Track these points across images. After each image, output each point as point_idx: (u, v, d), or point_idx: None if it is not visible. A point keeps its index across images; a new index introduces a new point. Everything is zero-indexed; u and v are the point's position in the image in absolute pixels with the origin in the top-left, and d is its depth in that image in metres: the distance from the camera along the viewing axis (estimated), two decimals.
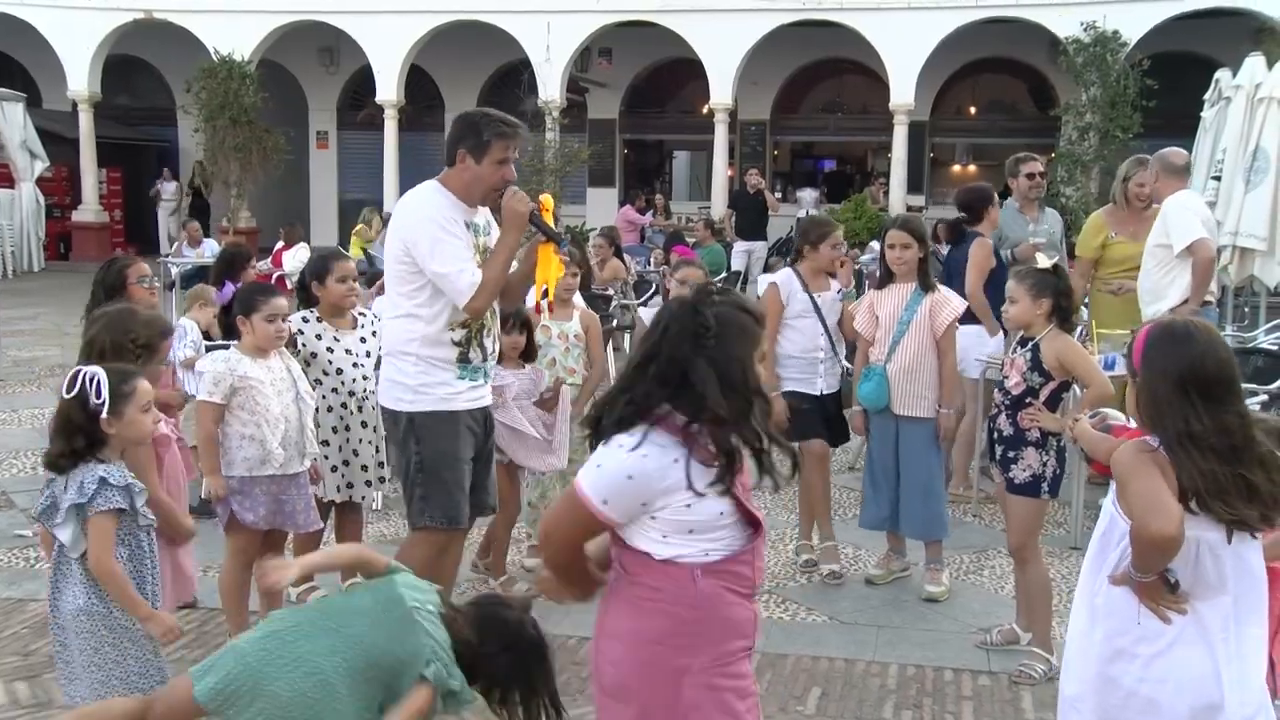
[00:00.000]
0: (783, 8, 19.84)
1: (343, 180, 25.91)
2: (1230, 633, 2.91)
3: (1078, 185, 18.29)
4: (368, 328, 5.54)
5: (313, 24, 22.06)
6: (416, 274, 4.49)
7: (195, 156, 22.69)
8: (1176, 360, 2.91)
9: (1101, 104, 18.39)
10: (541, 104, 21.07)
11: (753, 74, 21.47)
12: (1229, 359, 2.95)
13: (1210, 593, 2.90)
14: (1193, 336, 2.94)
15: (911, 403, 5.74)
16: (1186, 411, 2.85)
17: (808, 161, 25.82)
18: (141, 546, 3.74)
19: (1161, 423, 2.90)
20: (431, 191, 4.59)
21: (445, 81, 24.30)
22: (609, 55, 23.38)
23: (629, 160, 25.53)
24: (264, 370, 4.79)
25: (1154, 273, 7.02)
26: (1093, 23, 18.48)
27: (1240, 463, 2.83)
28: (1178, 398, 2.87)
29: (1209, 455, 2.82)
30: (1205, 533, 2.85)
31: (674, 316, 2.83)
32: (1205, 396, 2.86)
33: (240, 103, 21.00)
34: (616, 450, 2.76)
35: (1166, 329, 3.03)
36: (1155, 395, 2.93)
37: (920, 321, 5.71)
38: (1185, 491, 2.81)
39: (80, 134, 22.59)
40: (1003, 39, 20.57)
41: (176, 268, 15.20)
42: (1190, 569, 2.88)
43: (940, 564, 5.89)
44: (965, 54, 21.16)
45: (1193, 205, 7.12)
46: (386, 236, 4.85)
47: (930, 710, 4.60)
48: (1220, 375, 2.89)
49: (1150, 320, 3.15)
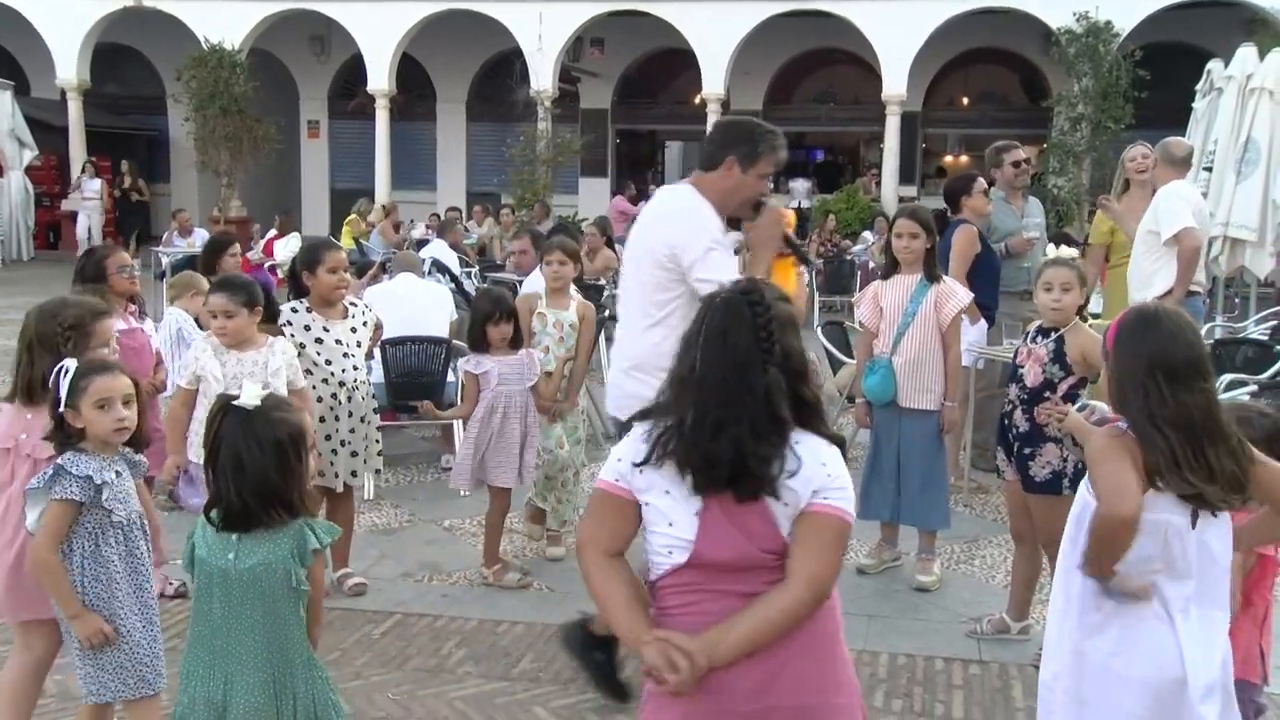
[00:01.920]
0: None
1: (334, 169, 25.86)
2: (1192, 614, 2.97)
3: (1069, 176, 18.33)
4: (359, 318, 5.51)
5: (304, 12, 22.01)
6: (678, 282, 4.28)
7: (185, 145, 22.62)
8: (1145, 344, 2.99)
9: (1094, 95, 18.44)
10: (533, 94, 21.06)
11: (745, 64, 21.46)
12: (1196, 343, 3.01)
13: (1176, 575, 2.96)
14: (1161, 321, 3.01)
15: (917, 396, 5.69)
16: (1153, 392, 2.92)
17: (800, 152, 25.78)
18: (114, 543, 3.53)
19: (1129, 403, 2.98)
20: (697, 197, 4.39)
21: (437, 71, 24.26)
22: (601, 45, 23.33)
23: (621, 150, 25.53)
24: (236, 365, 4.79)
25: (1142, 260, 7.05)
26: (1085, 13, 18.50)
27: (1203, 443, 2.89)
28: (1145, 379, 2.94)
29: (1172, 434, 2.89)
30: (1172, 516, 2.91)
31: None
32: (1171, 378, 2.93)
33: (230, 91, 20.99)
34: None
35: (1137, 314, 3.11)
36: (1123, 377, 3.01)
37: (926, 313, 5.65)
38: (1150, 469, 2.88)
39: (69, 122, 22.57)
40: (995, 29, 20.58)
41: (167, 257, 15.19)
42: (1159, 552, 2.94)
43: (932, 554, 5.88)
44: (957, 44, 21.17)
45: (1186, 194, 7.13)
46: (637, 239, 4.51)
47: (921, 699, 4.60)
48: (1187, 358, 2.96)
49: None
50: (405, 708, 4.41)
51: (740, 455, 2.48)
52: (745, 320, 2.55)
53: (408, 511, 6.88)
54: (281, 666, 3.17)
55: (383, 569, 5.88)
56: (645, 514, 2.62)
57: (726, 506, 2.53)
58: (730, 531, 2.53)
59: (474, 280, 11.43)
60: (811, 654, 2.59)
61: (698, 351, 2.57)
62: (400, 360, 7.35)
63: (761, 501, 2.52)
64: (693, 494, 2.54)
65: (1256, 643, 3.38)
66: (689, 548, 2.55)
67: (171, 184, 25.40)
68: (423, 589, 5.72)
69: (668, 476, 2.56)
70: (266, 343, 4.93)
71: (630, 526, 2.65)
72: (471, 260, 14.21)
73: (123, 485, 3.54)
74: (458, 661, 4.85)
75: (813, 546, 2.52)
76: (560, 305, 6.07)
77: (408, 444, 8.40)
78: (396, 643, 5.02)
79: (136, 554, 3.57)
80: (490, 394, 5.60)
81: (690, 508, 2.55)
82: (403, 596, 5.59)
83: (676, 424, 2.54)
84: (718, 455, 2.49)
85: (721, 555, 2.53)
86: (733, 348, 2.53)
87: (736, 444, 2.48)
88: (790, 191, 21.23)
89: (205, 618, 3.18)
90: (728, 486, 2.51)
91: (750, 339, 2.53)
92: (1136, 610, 2.97)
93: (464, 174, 24.91)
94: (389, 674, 4.69)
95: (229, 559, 3.10)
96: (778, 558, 2.54)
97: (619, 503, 2.63)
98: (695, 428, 2.51)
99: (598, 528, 2.68)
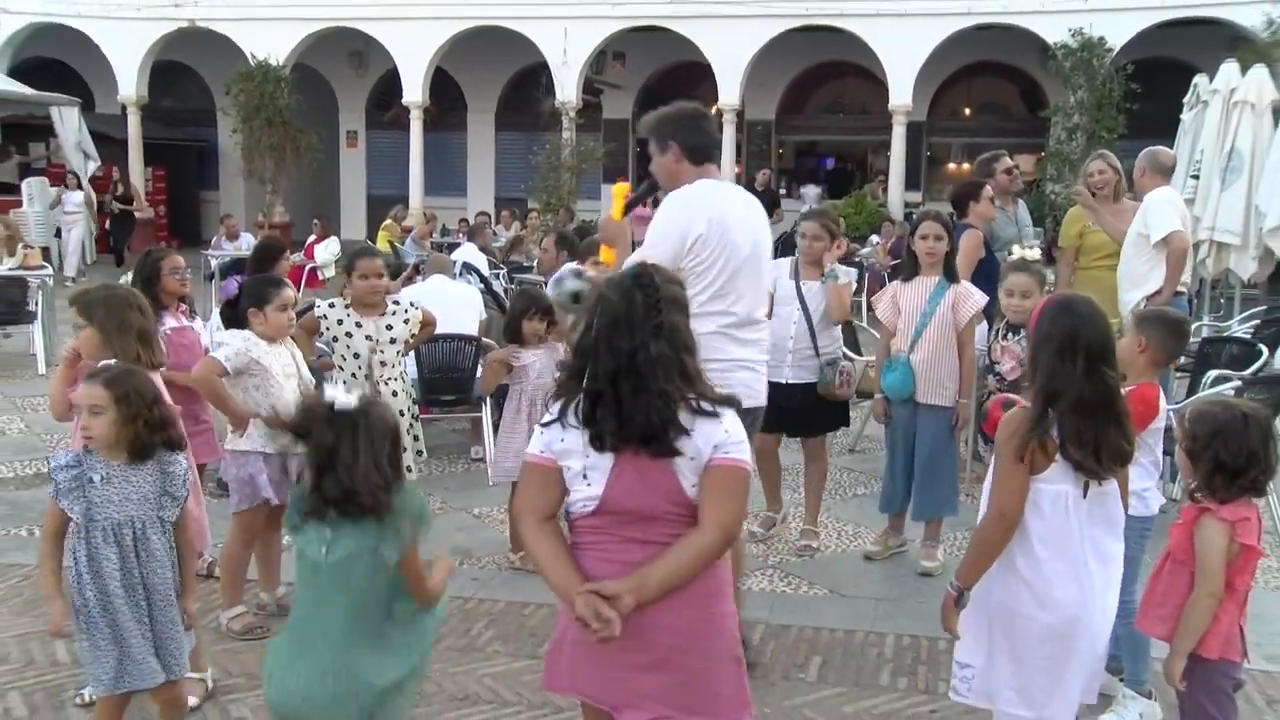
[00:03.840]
0: (787, 14, 19.78)
1: (371, 177, 25.90)
2: (1092, 567, 3.19)
3: (1066, 183, 18.23)
4: (398, 316, 5.57)
5: (343, 30, 22.07)
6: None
7: (233, 155, 22.71)
8: (1060, 327, 3.14)
9: (1088, 106, 18.40)
10: (559, 105, 21.05)
11: (759, 76, 21.41)
12: (1105, 330, 3.17)
13: (1075, 534, 3.15)
14: (1076, 309, 3.18)
15: (932, 392, 5.66)
16: (1061, 371, 3.08)
17: (811, 159, 25.70)
18: (99, 547, 3.37)
19: (1037, 378, 3.14)
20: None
21: (468, 84, 24.28)
22: (623, 59, 23.32)
23: (642, 158, 25.43)
24: (274, 357, 4.80)
25: (1133, 261, 7.04)
26: (1080, 29, 18.46)
27: (1099, 419, 3.07)
28: (1056, 359, 3.10)
29: (1072, 410, 3.06)
30: (1070, 486, 3.12)
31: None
32: (1078, 359, 3.08)
33: (275, 104, 21.07)
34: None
35: (1058, 301, 3.26)
36: (1038, 356, 3.16)
37: (943, 314, 5.62)
38: (1051, 442, 3.07)
39: (128, 135, 22.76)
40: (995, 44, 20.47)
41: (215, 260, 15.24)
42: (1062, 518, 3.14)
43: (936, 541, 5.87)
44: (960, 58, 21.07)
45: (1174, 200, 7.16)
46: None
47: (924, 678, 4.59)
48: (1093, 344, 3.11)
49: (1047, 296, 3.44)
50: (438, 684, 4.41)
51: (646, 416, 2.63)
52: (636, 299, 2.68)
53: (439, 499, 6.88)
54: (363, 656, 3.05)
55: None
56: (565, 476, 2.74)
57: (636, 462, 2.67)
58: (638, 483, 2.68)
59: (502, 281, 11.43)
60: (697, 603, 2.72)
61: (596, 327, 2.70)
62: (432, 357, 7.37)
63: (666, 459, 2.66)
64: (603, 452, 2.67)
65: (1237, 623, 3.39)
66: (599, 499, 2.69)
67: (220, 191, 25.50)
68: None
69: (584, 440, 2.68)
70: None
71: (558, 490, 2.78)
72: (499, 262, 14.22)
73: (107, 491, 3.39)
74: (487, 641, 4.86)
75: (721, 495, 2.68)
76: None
77: (439, 436, 8.41)
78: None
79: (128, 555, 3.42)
80: (530, 387, 5.61)
81: (604, 464, 2.68)
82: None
83: (588, 393, 2.68)
84: (631, 415, 2.62)
85: (628, 504, 2.68)
86: (626, 322, 2.66)
87: (644, 408, 2.63)
88: (801, 196, 21.16)
89: (297, 604, 3.16)
90: (639, 444, 2.65)
91: (641, 315, 2.66)
92: (1049, 564, 3.16)
93: (493, 180, 24.88)
94: None
95: (320, 552, 3.02)
96: (679, 509, 2.69)
97: (545, 472, 2.77)
98: (602, 395, 2.65)
99: (531, 497, 2.82)
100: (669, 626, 2.68)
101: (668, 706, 2.70)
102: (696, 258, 4.17)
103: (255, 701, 4.20)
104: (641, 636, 2.66)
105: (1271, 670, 4.70)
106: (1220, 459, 3.30)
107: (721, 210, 4.25)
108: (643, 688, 2.70)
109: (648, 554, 2.67)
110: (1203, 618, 3.32)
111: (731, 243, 4.22)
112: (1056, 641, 3.19)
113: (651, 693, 2.70)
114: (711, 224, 4.18)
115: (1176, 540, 3.44)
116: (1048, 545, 3.16)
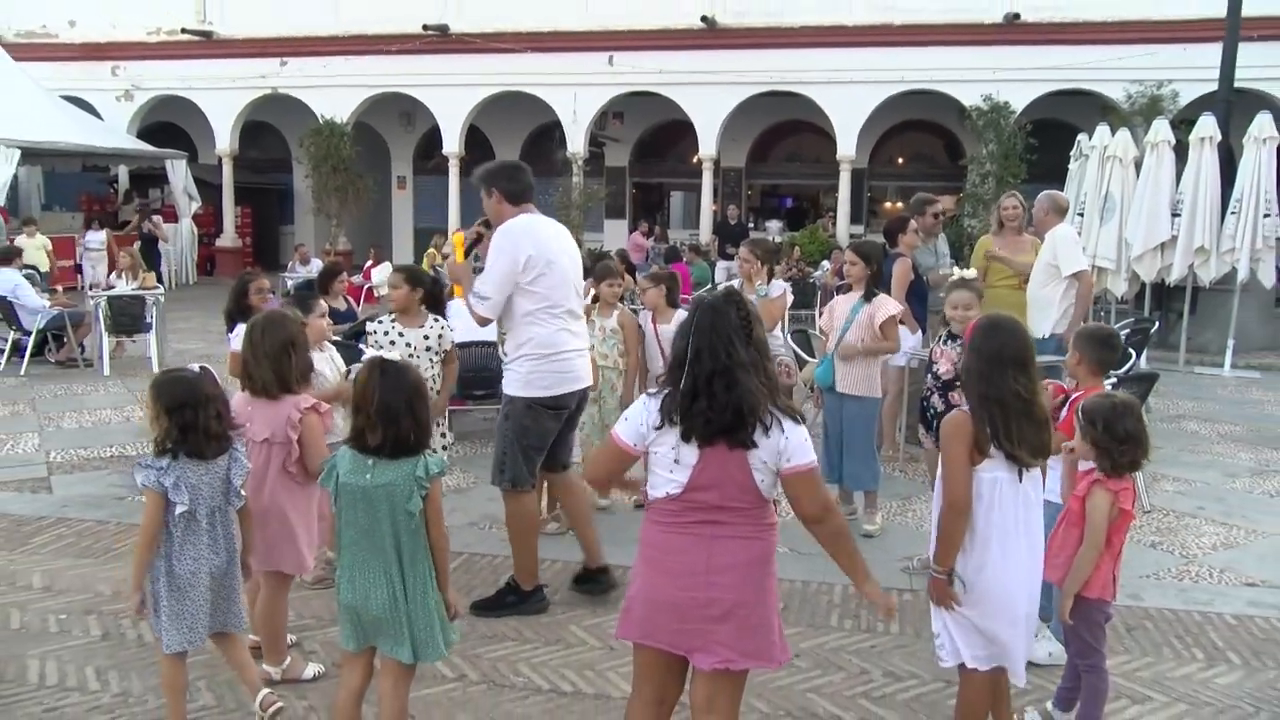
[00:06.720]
0: (755, 81, 19.77)
1: (417, 213, 25.79)
2: (1022, 543, 3.08)
3: (980, 219, 18.28)
4: (435, 327, 5.53)
5: (395, 94, 22.03)
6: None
7: (305, 196, 22.65)
8: (989, 342, 3.08)
9: (997, 157, 18.49)
10: (569, 155, 21.03)
11: (732, 132, 21.39)
12: (1027, 344, 3.10)
13: (1009, 512, 3.07)
14: (1001, 327, 3.12)
15: (851, 383, 5.70)
16: (991, 379, 3.02)
17: (774, 199, 25.64)
18: (175, 533, 3.32)
19: (971, 386, 3.08)
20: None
21: (495, 137, 24.21)
22: (621, 117, 23.28)
23: (637, 198, 25.40)
24: (323, 361, 4.77)
25: (1044, 288, 7.00)
26: (990, 95, 18.55)
27: (1023, 419, 3.01)
28: (987, 369, 3.04)
29: (997, 411, 3.00)
30: (1003, 473, 3.04)
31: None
32: (1004, 369, 3.01)
33: (339, 155, 21.00)
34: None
35: (988, 321, 3.20)
36: (971, 367, 3.10)
37: (862, 320, 5.66)
38: (981, 439, 3.01)
39: (223, 181, 22.77)
40: (923, 106, 20.47)
41: (291, 281, 15.21)
42: (998, 499, 3.05)
43: (875, 509, 5.87)
44: (895, 117, 21.08)
45: (1076, 239, 7.19)
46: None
47: (865, 619, 4.59)
48: (1017, 356, 3.05)
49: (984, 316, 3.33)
50: (472, 625, 4.42)
51: (737, 408, 2.58)
52: (731, 314, 2.65)
53: (473, 476, 6.88)
54: (408, 574, 3.07)
55: (453, 519, 5.85)
56: (652, 459, 2.71)
57: (719, 455, 2.62)
58: (719, 474, 2.63)
59: None
60: (755, 571, 2.71)
61: (691, 338, 2.65)
62: (467, 360, 7.34)
63: (744, 452, 2.61)
64: (693, 446, 2.63)
65: (1112, 570, 3.40)
66: (684, 484, 2.65)
67: (295, 225, 25.39)
68: (484, 535, 5.73)
69: (676, 435, 2.64)
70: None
71: (625, 470, 2.81)
72: None
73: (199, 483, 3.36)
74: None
75: (812, 492, 2.70)
76: (606, 314, 6.09)
77: (473, 424, 8.40)
78: (464, 576, 5.03)
79: (188, 542, 3.35)
80: None
81: (691, 456, 2.63)
82: (469, 540, 5.60)
83: (686, 393, 2.63)
84: (721, 409, 2.59)
85: (709, 491, 2.64)
86: (721, 331, 2.63)
87: (735, 401, 2.59)
88: (766, 229, 21.16)
89: (350, 525, 3.10)
90: (725, 435, 2.60)
91: (737, 325, 2.64)
92: (993, 547, 3.06)
93: None
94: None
95: (366, 479, 3.04)
96: (746, 501, 2.65)
97: (625, 455, 2.75)
98: (695, 395, 2.61)
99: (604, 471, 2.88)
100: (735, 585, 2.67)
101: (733, 651, 2.69)
102: (531, 273, 4.30)
103: (323, 638, 4.19)
104: (713, 595, 2.66)
105: (1130, 604, 4.77)
106: (1109, 440, 3.32)
107: (540, 235, 4.41)
108: (714, 636, 2.68)
109: (716, 532, 2.66)
110: (1088, 566, 3.34)
111: (553, 258, 4.37)
112: (990, 599, 3.10)
113: (722, 639, 2.68)
114: (536, 245, 4.35)
115: (1072, 506, 3.45)
116: (985, 521, 3.06)
